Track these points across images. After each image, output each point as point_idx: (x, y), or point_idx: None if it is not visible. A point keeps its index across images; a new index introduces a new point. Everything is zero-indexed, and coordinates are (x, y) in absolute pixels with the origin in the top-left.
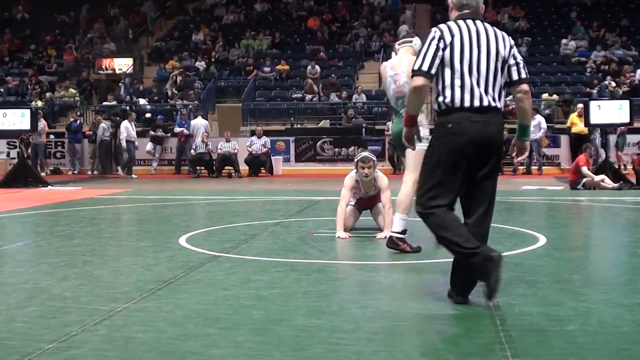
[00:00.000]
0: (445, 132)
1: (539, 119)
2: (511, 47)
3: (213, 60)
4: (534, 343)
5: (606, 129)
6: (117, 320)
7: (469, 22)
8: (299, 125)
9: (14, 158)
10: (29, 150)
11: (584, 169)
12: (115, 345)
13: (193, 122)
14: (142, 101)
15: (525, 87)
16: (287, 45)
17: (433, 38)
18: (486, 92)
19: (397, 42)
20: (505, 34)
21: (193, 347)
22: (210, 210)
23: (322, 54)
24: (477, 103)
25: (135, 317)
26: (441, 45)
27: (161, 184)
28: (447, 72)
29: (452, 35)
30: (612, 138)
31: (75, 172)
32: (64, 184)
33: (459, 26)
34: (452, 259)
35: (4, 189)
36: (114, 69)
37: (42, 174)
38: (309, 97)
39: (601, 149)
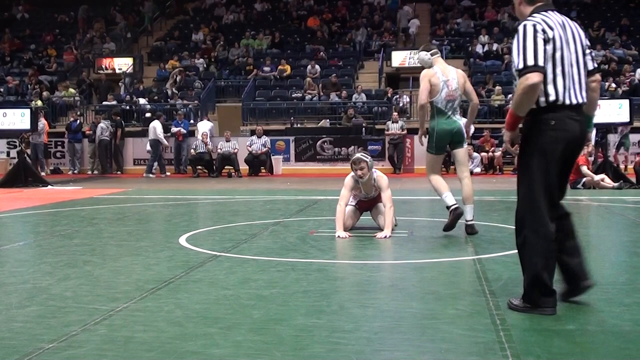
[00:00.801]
0: (549, 129)
1: None
2: (585, 36)
3: (213, 59)
4: (534, 342)
5: (605, 129)
6: (117, 320)
7: (553, 13)
8: (298, 125)
9: (14, 158)
10: (29, 150)
11: (584, 169)
12: (116, 344)
13: (199, 124)
14: (142, 101)
15: (598, 76)
16: (287, 44)
17: (535, 31)
18: (580, 87)
19: (427, 52)
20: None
21: (193, 347)
22: (210, 209)
23: (322, 53)
24: (574, 100)
25: (136, 317)
26: (544, 37)
27: (161, 183)
28: (549, 67)
29: (551, 29)
30: (612, 137)
31: (75, 171)
32: (64, 184)
33: (550, 19)
34: (452, 259)
35: (4, 188)
36: (114, 69)
37: (42, 173)
38: (308, 96)
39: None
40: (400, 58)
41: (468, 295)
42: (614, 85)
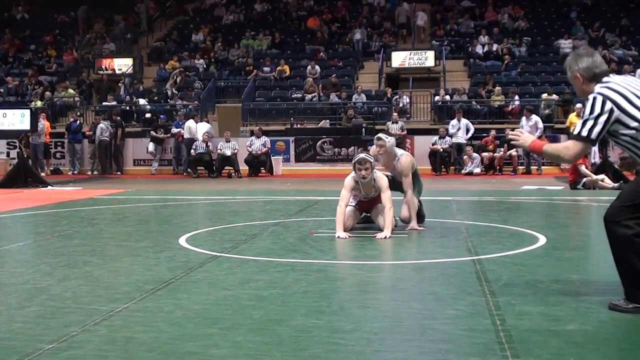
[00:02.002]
0: None
1: (535, 119)
2: None
3: (213, 60)
4: (534, 343)
5: None
6: (117, 321)
7: (615, 76)
8: (298, 125)
9: (14, 158)
10: (28, 150)
11: (582, 168)
12: (116, 345)
13: (198, 125)
14: (142, 101)
15: None
16: (287, 45)
17: (603, 104)
18: None
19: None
20: None
21: (193, 347)
22: (210, 210)
23: (321, 54)
24: None
25: (135, 317)
26: (610, 108)
27: (161, 184)
28: None
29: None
30: None
31: (75, 172)
32: (63, 184)
33: (619, 84)
34: (452, 259)
35: (4, 189)
36: (113, 69)
37: (42, 174)
38: (308, 97)
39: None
40: (400, 58)
41: (468, 295)
42: None
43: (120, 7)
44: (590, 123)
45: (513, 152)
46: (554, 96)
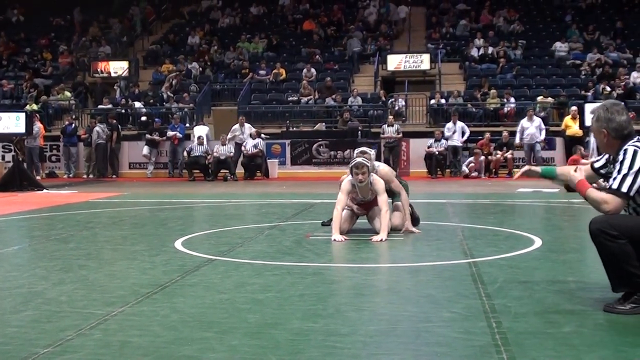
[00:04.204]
0: None
1: (538, 120)
2: None
3: (209, 63)
4: (530, 345)
5: None
6: (113, 325)
7: None
8: (294, 128)
9: (9, 162)
10: (24, 154)
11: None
12: (111, 349)
13: (196, 128)
14: (137, 104)
15: None
16: (283, 48)
17: None
18: None
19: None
20: None
21: (189, 351)
22: (206, 213)
23: (317, 56)
24: None
25: (131, 321)
26: None
27: (157, 187)
28: None
29: None
30: None
31: (71, 175)
32: (59, 188)
33: None
34: (448, 262)
35: None
36: (109, 72)
37: (38, 177)
38: (304, 99)
39: (594, 151)
40: (395, 62)
41: (464, 298)
42: (608, 88)
43: (116, 10)
44: (630, 179)
45: (509, 154)
46: (549, 99)
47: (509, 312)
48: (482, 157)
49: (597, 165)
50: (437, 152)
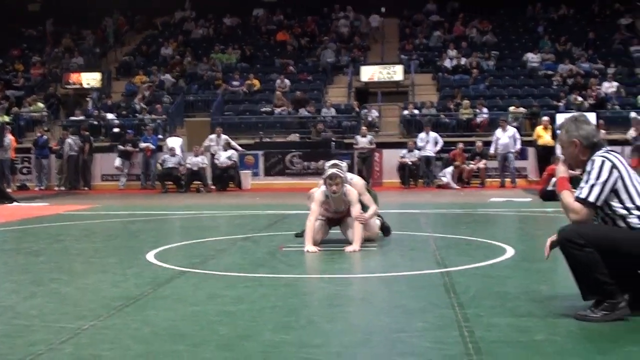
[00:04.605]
0: None
1: (512, 130)
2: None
3: (182, 74)
4: (503, 354)
5: None
6: (84, 339)
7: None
8: (268, 139)
9: None
10: None
11: (554, 180)
12: None
13: (168, 139)
14: (110, 116)
15: None
16: (256, 59)
17: (611, 171)
18: None
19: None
20: None
21: None
22: (178, 225)
23: (291, 67)
24: None
25: (102, 335)
26: (617, 176)
27: (129, 199)
28: (626, 197)
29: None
30: None
31: (42, 187)
32: (30, 200)
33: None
34: (421, 272)
35: None
36: (81, 84)
37: (9, 190)
38: (278, 110)
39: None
40: (369, 73)
41: (437, 308)
42: (580, 98)
43: (88, 21)
44: (597, 189)
45: (481, 164)
46: (521, 109)
47: (482, 321)
48: (451, 168)
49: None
50: (410, 163)
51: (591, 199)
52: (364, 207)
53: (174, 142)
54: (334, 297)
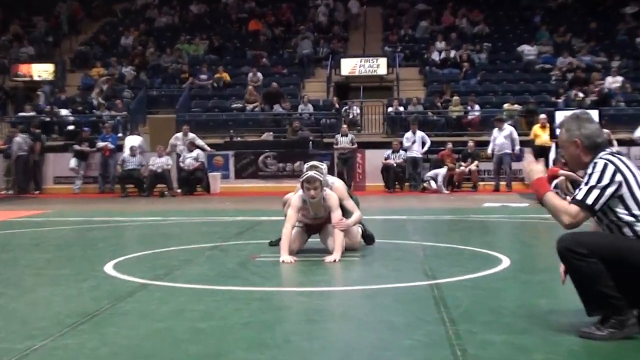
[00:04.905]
0: None
1: (509, 129)
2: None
3: (144, 66)
4: None
5: None
6: None
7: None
8: (239, 139)
9: None
10: None
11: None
12: None
13: (127, 138)
14: (64, 112)
15: None
16: (226, 50)
17: (614, 175)
18: None
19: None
20: None
21: None
22: (140, 233)
23: (264, 60)
24: None
25: (55, 356)
26: (620, 180)
27: (85, 204)
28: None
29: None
30: None
31: None
32: None
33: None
34: (408, 284)
35: None
36: (32, 76)
37: None
38: (250, 107)
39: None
40: (350, 66)
41: (425, 323)
42: (581, 94)
43: (39, 6)
44: (596, 192)
45: (473, 166)
46: (517, 106)
47: (475, 338)
48: (444, 169)
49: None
50: (395, 164)
51: (589, 201)
52: (347, 214)
53: (135, 142)
54: (312, 312)
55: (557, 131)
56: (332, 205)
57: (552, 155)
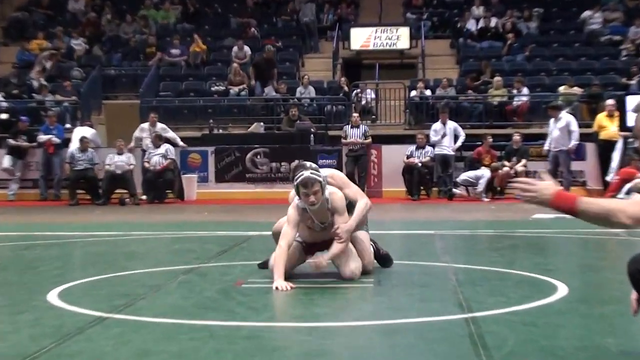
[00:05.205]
0: None
1: (566, 118)
2: None
3: (98, 38)
4: None
5: None
6: None
7: None
8: (221, 131)
9: None
10: None
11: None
12: None
13: (77, 130)
14: None
15: None
16: (204, 18)
17: None
18: None
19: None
20: None
21: None
22: (94, 251)
23: (253, 30)
24: None
25: None
26: None
27: (23, 214)
28: None
29: None
30: None
31: None
32: None
33: None
34: (436, 318)
35: None
36: None
37: None
38: (234, 90)
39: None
40: (362, 38)
41: None
42: None
43: None
44: None
45: (520, 166)
46: (576, 89)
47: None
48: (487, 171)
49: None
50: (420, 164)
51: None
52: (350, 208)
53: (88, 134)
54: (315, 354)
55: (630, 119)
56: (339, 207)
57: (617, 153)
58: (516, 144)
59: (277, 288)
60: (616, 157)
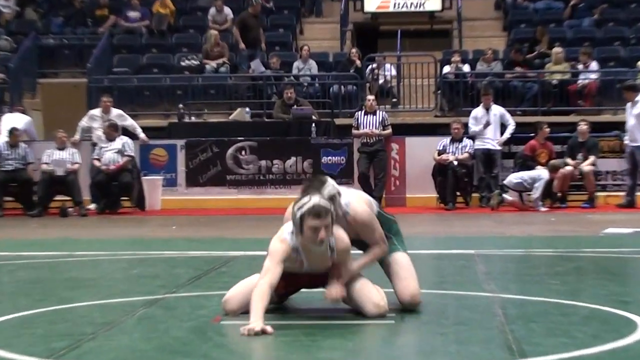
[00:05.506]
0: None
1: None
2: None
3: None
4: None
5: None
6: None
7: None
8: (193, 118)
9: None
10: None
11: None
12: None
13: (4, 118)
14: None
15: None
16: None
17: None
18: None
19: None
20: None
21: None
22: (27, 278)
23: None
24: None
25: None
26: None
27: None
28: None
29: None
30: None
31: None
32: None
33: None
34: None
35: None
36: None
37: None
38: (211, 65)
39: None
40: None
41: None
42: None
43: None
44: None
45: (587, 165)
46: None
47: None
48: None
49: None
50: (455, 163)
51: None
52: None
53: (19, 123)
54: None
55: None
56: (343, 256)
57: None
58: (582, 135)
59: (249, 331)
60: None
